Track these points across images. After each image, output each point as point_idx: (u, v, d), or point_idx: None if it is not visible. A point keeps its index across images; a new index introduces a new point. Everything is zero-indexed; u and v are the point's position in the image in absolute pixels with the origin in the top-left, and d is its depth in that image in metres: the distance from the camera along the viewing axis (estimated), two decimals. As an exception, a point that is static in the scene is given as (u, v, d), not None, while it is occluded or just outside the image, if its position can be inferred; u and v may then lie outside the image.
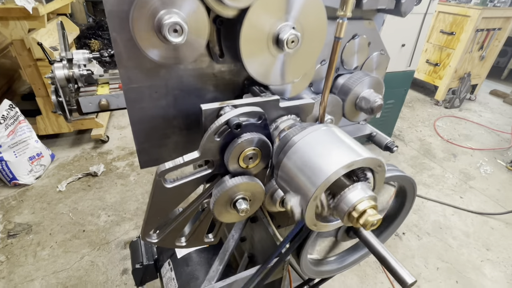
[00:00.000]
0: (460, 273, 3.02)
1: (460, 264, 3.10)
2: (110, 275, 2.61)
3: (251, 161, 0.80)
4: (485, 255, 3.19)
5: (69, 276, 2.57)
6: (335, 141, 0.71)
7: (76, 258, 2.71)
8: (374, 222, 0.61)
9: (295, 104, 0.86)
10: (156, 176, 0.74)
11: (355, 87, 1.04)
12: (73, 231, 2.93)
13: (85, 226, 3.00)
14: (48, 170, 3.60)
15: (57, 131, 3.86)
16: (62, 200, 3.24)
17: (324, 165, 0.65)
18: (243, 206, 0.79)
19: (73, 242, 2.84)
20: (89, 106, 1.74)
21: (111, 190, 3.41)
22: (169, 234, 0.88)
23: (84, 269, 2.63)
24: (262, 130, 0.79)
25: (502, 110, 5.90)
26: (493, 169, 4.22)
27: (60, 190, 3.36)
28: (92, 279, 2.57)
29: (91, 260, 2.71)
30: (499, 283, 2.92)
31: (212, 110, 0.77)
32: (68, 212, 3.13)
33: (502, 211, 3.46)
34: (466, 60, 5.47)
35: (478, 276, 2.98)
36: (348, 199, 0.64)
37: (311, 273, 1.29)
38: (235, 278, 1.25)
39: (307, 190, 0.65)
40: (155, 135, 0.90)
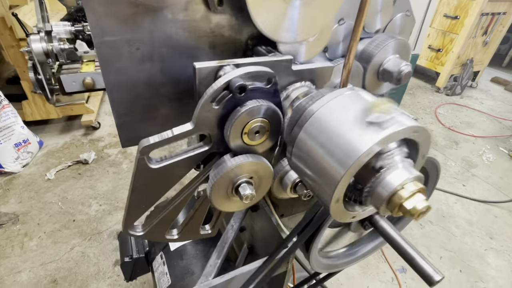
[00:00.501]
0: (463, 262, 2.98)
1: (463, 253, 3.07)
2: (102, 267, 2.49)
3: (257, 136, 0.64)
4: (488, 244, 3.16)
5: (58, 267, 2.44)
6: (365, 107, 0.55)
7: (65, 249, 2.58)
8: (423, 209, 0.46)
9: (310, 67, 0.70)
10: (138, 153, 0.58)
11: (378, 52, 0.88)
12: (63, 221, 2.79)
13: (75, 215, 2.86)
14: (36, 157, 3.44)
15: (45, 117, 3.67)
16: (51, 189, 3.09)
17: (355, 138, 0.50)
18: (247, 192, 0.64)
19: (62, 233, 2.70)
20: (72, 85, 1.56)
21: (103, 178, 3.26)
22: (158, 225, 0.73)
23: (74, 261, 2.50)
24: (271, 97, 0.63)
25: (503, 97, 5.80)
26: (495, 156, 4.14)
27: (49, 179, 3.20)
28: (83, 270, 2.45)
29: (81, 251, 2.58)
30: (504, 272, 2.88)
31: (208, 69, 0.61)
32: (57, 201, 2.98)
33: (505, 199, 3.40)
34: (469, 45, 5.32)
35: (482, 265, 2.95)
36: (388, 182, 0.49)
37: (321, 267, 1.16)
38: (234, 274, 1.11)
39: (334, 171, 0.50)
40: (138, 106, 0.73)
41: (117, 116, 0.71)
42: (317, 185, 0.55)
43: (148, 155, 0.60)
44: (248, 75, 0.58)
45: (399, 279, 2.79)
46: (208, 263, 1.18)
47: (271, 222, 1.37)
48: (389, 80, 0.89)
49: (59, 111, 3.66)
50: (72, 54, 1.72)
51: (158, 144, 0.58)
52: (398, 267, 2.95)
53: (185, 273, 1.22)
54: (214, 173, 0.64)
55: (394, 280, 2.83)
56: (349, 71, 0.65)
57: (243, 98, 0.59)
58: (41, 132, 3.73)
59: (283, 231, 1.35)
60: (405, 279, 2.83)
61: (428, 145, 0.54)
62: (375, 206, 0.52)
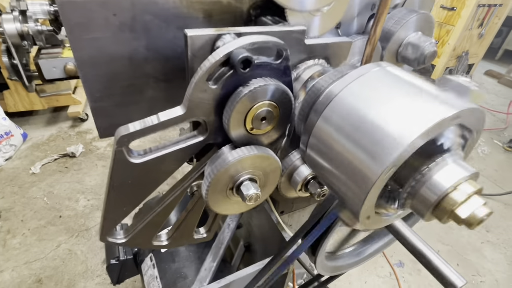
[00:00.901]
0: (460, 256, 2.97)
1: (460, 247, 3.05)
2: (90, 265, 2.37)
3: (263, 123, 0.53)
4: (485, 237, 3.15)
5: (43, 266, 2.31)
6: (402, 88, 0.43)
7: (51, 246, 2.45)
8: (484, 217, 0.36)
9: (325, 42, 0.58)
10: (115, 144, 0.46)
11: (398, 29, 0.76)
12: (48, 217, 2.65)
13: (61, 211, 2.71)
14: (20, 150, 3.26)
15: (29, 108, 3.48)
16: (35, 183, 2.93)
17: (394, 128, 0.38)
18: (251, 191, 0.52)
19: (48, 229, 2.56)
20: (52, 71, 1.41)
21: (91, 172, 3.11)
22: (143, 230, 0.61)
23: (60, 259, 2.37)
24: (281, 75, 0.51)
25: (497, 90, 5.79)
26: (490, 149, 4.12)
27: (34, 173, 3.04)
28: (70, 269, 2.32)
29: (68, 248, 2.45)
30: (500, 265, 2.87)
31: (203, 38, 0.48)
32: (42, 196, 2.83)
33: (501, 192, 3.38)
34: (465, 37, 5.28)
35: (479, 258, 2.93)
36: (436, 182, 0.38)
37: (327, 270, 1.06)
38: (232, 279, 1.01)
39: (367, 170, 0.39)
40: (117, 87, 0.60)
41: (92, 99, 0.59)
42: (342, 185, 0.44)
43: (128, 147, 0.48)
44: (253, 46, 0.46)
45: (397, 273, 2.75)
46: (202, 267, 1.08)
47: (270, 220, 1.27)
48: (409, 61, 0.78)
49: (44, 102, 3.48)
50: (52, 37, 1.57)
51: (140, 132, 0.46)
52: (395, 262, 2.92)
53: (177, 277, 1.11)
54: (211, 169, 0.52)
55: (392, 275, 2.79)
56: (374, 45, 0.53)
57: (247, 76, 0.47)
58: (25, 124, 3.54)
59: (283, 230, 1.25)
60: (403, 274, 2.79)
61: (481, 131, 0.43)
62: (417, 212, 0.41)
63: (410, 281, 2.69)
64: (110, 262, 1.21)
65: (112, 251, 1.24)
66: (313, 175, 0.63)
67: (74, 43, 0.51)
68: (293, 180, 0.65)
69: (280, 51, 0.49)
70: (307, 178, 0.63)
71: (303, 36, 0.55)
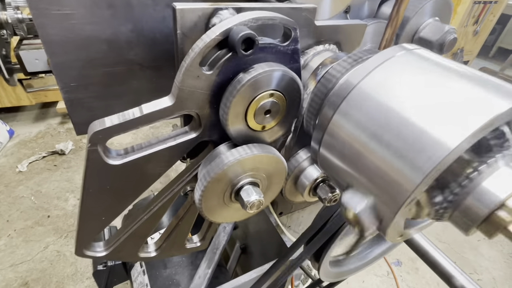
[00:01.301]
0: (458, 254, 2.97)
1: (457, 244, 3.06)
2: (80, 267, 2.28)
3: (267, 118, 0.44)
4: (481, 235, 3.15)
5: (30, 269, 2.22)
6: (440, 75, 0.36)
7: (39, 248, 2.35)
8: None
9: (338, 24, 0.50)
10: (88, 142, 0.37)
11: (414, 15, 0.68)
12: (36, 217, 2.55)
13: (50, 211, 2.62)
14: (6, 148, 3.14)
15: (15, 104, 3.36)
16: (22, 182, 2.82)
17: (435, 126, 0.31)
18: (253, 198, 0.44)
19: (35, 230, 2.46)
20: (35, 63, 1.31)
21: (81, 170, 2.96)
22: (128, 241, 0.53)
23: (48, 260, 2.28)
24: (288, 60, 0.43)
25: (492, 88, 5.83)
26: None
27: (21, 171, 2.93)
28: (58, 271, 2.23)
29: (56, 249, 2.36)
30: (497, 263, 2.88)
31: (196, 13, 0.40)
32: (29, 195, 2.73)
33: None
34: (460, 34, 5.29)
35: (476, 256, 2.94)
36: (487, 190, 0.30)
37: (330, 277, 0.99)
38: (228, 287, 0.93)
39: (401, 177, 0.31)
40: (96, 76, 0.51)
41: (65, 90, 0.50)
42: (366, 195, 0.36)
43: (105, 145, 0.39)
44: (256, 23, 0.38)
45: (394, 272, 2.73)
46: (196, 274, 1.00)
47: (269, 222, 1.19)
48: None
49: (32, 98, 3.35)
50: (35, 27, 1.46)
51: (118, 128, 0.37)
52: (393, 260, 2.90)
53: (169, 284, 1.03)
54: (205, 172, 0.43)
55: (390, 273, 2.77)
56: (396, 28, 0.46)
57: (249, 60, 0.39)
58: (12, 121, 3.43)
59: (283, 233, 1.18)
60: (401, 273, 2.77)
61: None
62: (459, 226, 0.33)
63: (408, 280, 2.67)
64: (97, 268, 1.12)
65: (99, 256, 1.15)
66: (323, 178, 0.56)
67: (39, 20, 0.42)
68: (299, 184, 0.57)
69: (288, 30, 0.41)
70: (316, 181, 0.56)
71: (313, 16, 0.47)
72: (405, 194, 0.30)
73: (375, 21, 0.64)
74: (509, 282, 2.67)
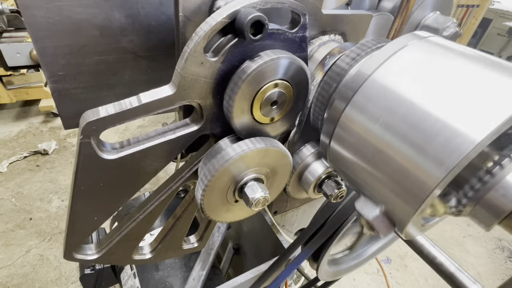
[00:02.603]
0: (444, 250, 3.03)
1: (444, 241, 3.14)
2: (64, 270, 2.19)
3: (274, 109, 0.42)
4: (466, 231, 3.26)
5: (10, 274, 2.12)
6: (459, 63, 0.34)
7: (20, 252, 2.25)
8: None
9: (344, 13, 0.48)
10: (80, 133, 0.34)
11: (415, 9, 0.67)
12: (17, 220, 2.44)
13: (32, 213, 2.51)
14: (-16, 147, 3.00)
15: (-6, 101, 3.21)
16: (2, 183, 2.70)
17: (458, 119, 0.29)
18: (258, 194, 0.41)
19: (16, 233, 2.36)
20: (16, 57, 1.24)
21: (66, 170, 2.90)
22: (121, 243, 0.49)
23: (30, 265, 2.18)
24: (296, 48, 0.40)
25: (475, 89, 6.03)
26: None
27: (0, 172, 2.80)
28: (41, 276, 2.14)
29: (39, 253, 2.26)
30: (481, 258, 2.97)
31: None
32: (10, 197, 2.61)
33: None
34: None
35: (462, 252, 3.03)
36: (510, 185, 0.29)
37: (329, 276, 0.97)
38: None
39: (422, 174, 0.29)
40: (87, 64, 0.47)
41: (52, 79, 0.45)
42: (383, 191, 0.34)
43: (98, 138, 0.36)
44: (265, 5, 0.35)
45: (384, 270, 2.77)
46: (190, 276, 0.96)
47: (263, 221, 1.17)
48: (428, 44, 0.70)
49: (12, 95, 3.21)
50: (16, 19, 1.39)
51: (114, 118, 0.34)
52: (383, 258, 2.93)
53: (162, 287, 0.99)
54: (208, 168, 0.40)
55: (380, 271, 2.80)
56: (406, 17, 0.44)
57: (256, 46, 0.36)
58: (-9, 119, 3.28)
59: (278, 232, 1.16)
60: (390, 270, 2.81)
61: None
62: (480, 221, 0.32)
63: (397, 277, 2.70)
64: (84, 272, 1.07)
65: (86, 259, 1.10)
66: (329, 174, 0.54)
67: (24, 3, 0.38)
68: (304, 180, 0.55)
69: (297, 16, 0.38)
70: (321, 177, 0.53)
71: (320, 4, 0.45)
72: (426, 191, 0.28)
73: (378, 13, 0.63)
74: (493, 277, 2.75)
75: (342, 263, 1.09)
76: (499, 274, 2.80)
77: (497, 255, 2.98)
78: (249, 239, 1.43)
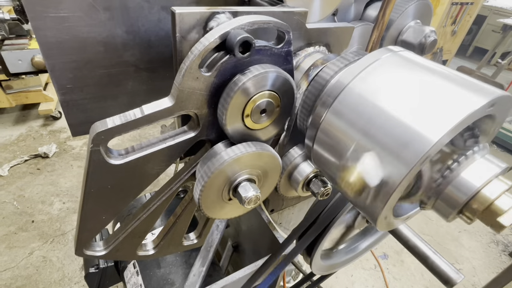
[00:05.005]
0: (440, 245, 3.08)
1: (440, 236, 3.18)
2: (67, 271, 2.23)
3: (263, 117, 0.47)
4: (462, 226, 3.30)
5: (14, 276, 2.15)
6: (422, 75, 0.39)
7: (23, 254, 2.29)
8: (519, 219, 0.32)
9: (328, 27, 0.53)
10: (91, 142, 0.38)
11: (397, 18, 0.72)
12: (19, 223, 2.48)
13: (34, 216, 2.55)
14: (-15, 151, 3.02)
15: (-6, 106, 3.24)
16: (4, 187, 2.73)
17: (419, 123, 0.34)
18: (250, 193, 0.46)
19: (19, 236, 2.39)
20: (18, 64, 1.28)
21: (66, 173, 2.93)
22: (127, 240, 0.54)
23: (34, 267, 2.22)
24: (282, 61, 0.45)
25: (470, 86, 6.05)
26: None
27: (1, 175, 2.83)
28: (44, 277, 2.18)
29: (42, 255, 2.30)
30: (476, 253, 3.02)
31: (194, 17, 0.41)
32: (12, 200, 2.64)
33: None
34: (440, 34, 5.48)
35: (457, 247, 3.07)
36: (464, 180, 0.34)
37: (322, 270, 1.02)
38: (223, 283, 0.95)
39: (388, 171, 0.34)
40: (92, 77, 0.52)
41: (61, 91, 0.50)
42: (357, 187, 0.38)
43: (106, 146, 0.40)
44: (252, 26, 0.40)
45: (381, 265, 2.81)
46: (191, 272, 1.01)
47: (260, 219, 1.21)
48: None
49: (12, 99, 3.24)
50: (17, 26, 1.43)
51: (120, 128, 0.38)
52: (380, 254, 2.98)
53: (164, 284, 1.04)
54: (204, 170, 0.45)
55: (377, 267, 2.85)
56: (382, 30, 0.49)
57: (246, 62, 0.41)
58: (-10, 123, 3.30)
59: (275, 229, 1.20)
60: (387, 266, 2.85)
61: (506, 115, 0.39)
62: (441, 213, 0.37)
63: (394, 272, 2.75)
64: (88, 270, 1.11)
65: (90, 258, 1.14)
66: (315, 174, 0.58)
67: (36, 22, 0.43)
68: (293, 179, 0.59)
69: (282, 34, 0.43)
70: (308, 177, 0.58)
71: (304, 19, 0.49)
72: (393, 186, 0.33)
73: (362, 24, 0.68)
74: (487, 270, 2.80)
75: (335, 258, 1.14)
76: (493, 268, 2.85)
77: (492, 249, 3.02)
78: (247, 237, 1.47)
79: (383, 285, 2.57)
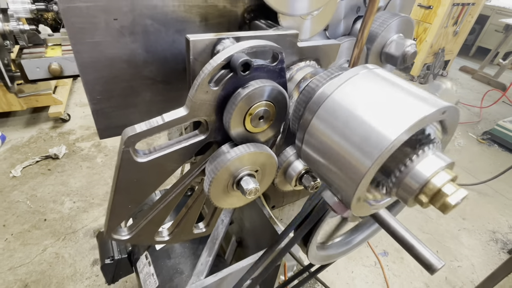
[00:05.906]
0: (440, 243, 3.12)
1: (439, 234, 3.21)
2: (79, 267, 2.33)
3: (261, 122, 0.56)
4: (461, 225, 3.32)
5: (29, 271, 2.26)
6: (388, 88, 0.48)
7: (37, 250, 2.39)
8: (458, 202, 0.41)
9: (317, 44, 0.62)
10: (122, 145, 0.48)
11: (382, 31, 0.81)
12: (32, 221, 2.58)
13: (46, 214, 2.65)
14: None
15: (6, 109, 3.36)
16: (17, 187, 2.84)
17: (381, 125, 0.43)
18: (251, 186, 0.56)
19: (32, 233, 2.50)
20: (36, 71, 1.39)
21: (76, 173, 3.04)
22: (146, 227, 0.64)
23: (47, 263, 2.32)
24: (276, 76, 0.55)
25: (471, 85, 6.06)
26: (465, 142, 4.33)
27: (14, 176, 2.94)
28: (57, 273, 2.28)
29: (55, 252, 2.40)
30: (475, 251, 3.04)
31: (204, 43, 0.51)
32: (25, 199, 2.75)
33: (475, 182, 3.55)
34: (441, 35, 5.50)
35: (456, 245, 3.10)
36: (418, 172, 0.43)
37: (318, 260, 1.11)
38: (228, 271, 1.04)
39: (357, 163, 0.43)
40: (117, 90, 0.62)
41: (93, 102, 0.60)
42: (335, 178, 0.48)
43: (134, 147, 0.50)
44: (252, 49, 0.49)
45: (381, 262, 2.86)
46: (199, 261, 1.10)
47: (262, 215, 1.30)
48: (393, 61, 0.83)
49: (23, 103, 3.36)
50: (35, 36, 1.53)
51: (146, 133, 0.48)
52: (380, 251, 3.02)
53: (174, 273, 1.14)
54: (212, 167, 0.55)
55: (377, 264, 2.89)
56: (361, 48, 0.58)
57: (246, 78, 0.51)
58: (3, 126, 3.42)
59: (275, 224, 1.29)
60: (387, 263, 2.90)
61: (456, 125, 0.48)
62: (402, 199, 0.46)
63: (394, 269, 2.80)
64: (104, 262, 1.21)
65: (106, 250, 1.24)
66: (307, 170, 0.68)
67: (76, 47, 0.53)
68: (288, 175, 0.69)
69: (276, 54, 0.52)
70: (301, 173, 0.68)
71: (296, 39, 0.59)
72: (360, 176, 0.42)
73: (349, 39, 0.77)
74: (486, 268, 2.84)
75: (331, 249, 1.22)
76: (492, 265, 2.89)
77: (491, 247, 3.05)
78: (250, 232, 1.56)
79: (383, 281, 2.63)
